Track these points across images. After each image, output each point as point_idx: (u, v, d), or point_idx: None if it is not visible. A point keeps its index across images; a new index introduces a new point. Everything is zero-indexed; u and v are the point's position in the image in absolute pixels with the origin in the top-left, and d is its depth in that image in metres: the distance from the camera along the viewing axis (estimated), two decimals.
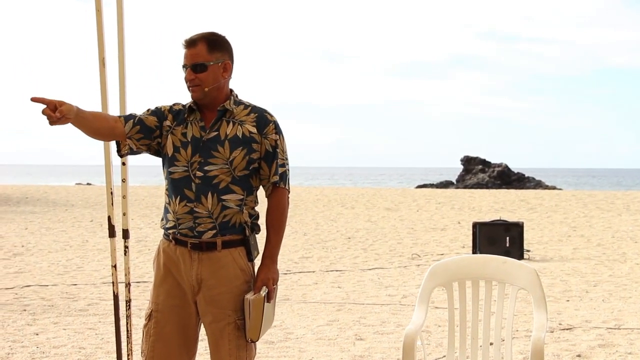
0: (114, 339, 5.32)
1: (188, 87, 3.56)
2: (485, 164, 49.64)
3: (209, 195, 3.50)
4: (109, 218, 4.79)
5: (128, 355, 4.76)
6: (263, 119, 3.58)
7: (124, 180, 4.71)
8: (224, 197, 3.50)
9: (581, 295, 9.43)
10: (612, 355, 6.39)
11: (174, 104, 3.65)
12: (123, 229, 4.79)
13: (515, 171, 49.27)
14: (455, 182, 49.63)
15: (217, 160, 3.51)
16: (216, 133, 3.54)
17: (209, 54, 3.52)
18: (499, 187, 45.27)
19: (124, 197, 4.74)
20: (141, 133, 3.56)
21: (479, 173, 48.95)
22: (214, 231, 3.50)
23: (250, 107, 3.61)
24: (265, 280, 3.52)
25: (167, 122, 3.59)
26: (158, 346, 3.56)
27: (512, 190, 37.40)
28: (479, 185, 46.53)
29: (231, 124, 3.55)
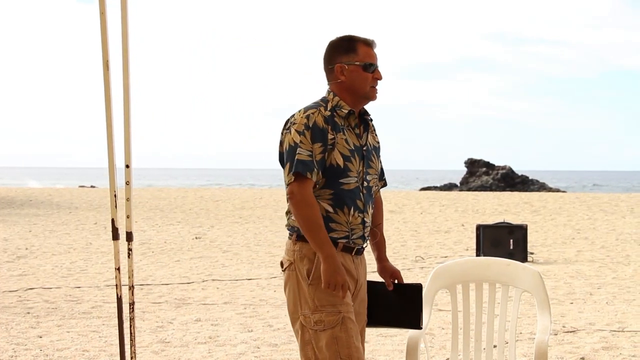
0: (117, 341, 5.32)
1: (371, 87, 3.54)
2: (489, 166, 49.59)
3: (370, 205, 3.59)
4: (113, 220, 4.79)
5: (131, 357, 4.76)
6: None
7: (127, 183, 4.71)
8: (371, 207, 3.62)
9: (585, 297, 9.42)
10: (616, 358, 6.38)
11: (317, 111, 3.49)
12: (127, 232, 4.79)
13: (521, 173, 49.24)
14: (459, 185, 49.60)
15: (372, 170, 3.59)
16: (365, 140, 3.58)
17: None
18: (503, 189, 45.21)
19: (127, 199, 4.75)
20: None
21: (482, 175, 48.90)
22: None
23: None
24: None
25: (330, 135, 3.48)
26: (359, 346, 3.50)
27: (516, 193, 37.36)
28: (482, 188, 46.47)
29: (368, 129, 3.63)
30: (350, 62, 3.53)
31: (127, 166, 4.62)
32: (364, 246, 3.60)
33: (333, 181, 3.47)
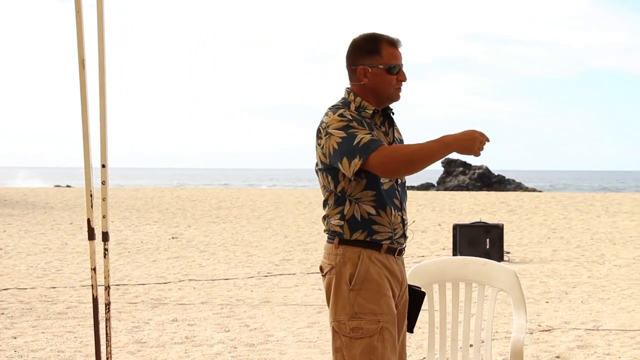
0: (93, 342, 5.30)
1: (395, 89, 3.43)
2: (465, 166, 49.81)
3: (405, 202, 3.51)
4: (89, 220, 4.76)
5: (107, 358, 4.74)
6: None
7: (103, 183, 4.69)
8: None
9: (560, 296, 9.48)
10: (591, 356, 6.43)
11: (346, 109, 3.40)
12: (103, 232, 4.76)
13: (497, 173, 49.50)
14: (435, 184, 49.77)
15: None
16: (392, 137, 3.49)
17: None
18: (480, 189, 45.41)
19: (103, 199, 4.72)
20: None
21: (459, 175, 49.11)
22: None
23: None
24: None
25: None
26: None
27: (493, 193, 37.56)
28: (459, 187, 46.66)
29: (393, 125, 3.53)
30: (374, 64, 3.40)
31: (104, 166, 4.60)
32: (404, 246, 3.51)
33: (374, 182, 3.37)
